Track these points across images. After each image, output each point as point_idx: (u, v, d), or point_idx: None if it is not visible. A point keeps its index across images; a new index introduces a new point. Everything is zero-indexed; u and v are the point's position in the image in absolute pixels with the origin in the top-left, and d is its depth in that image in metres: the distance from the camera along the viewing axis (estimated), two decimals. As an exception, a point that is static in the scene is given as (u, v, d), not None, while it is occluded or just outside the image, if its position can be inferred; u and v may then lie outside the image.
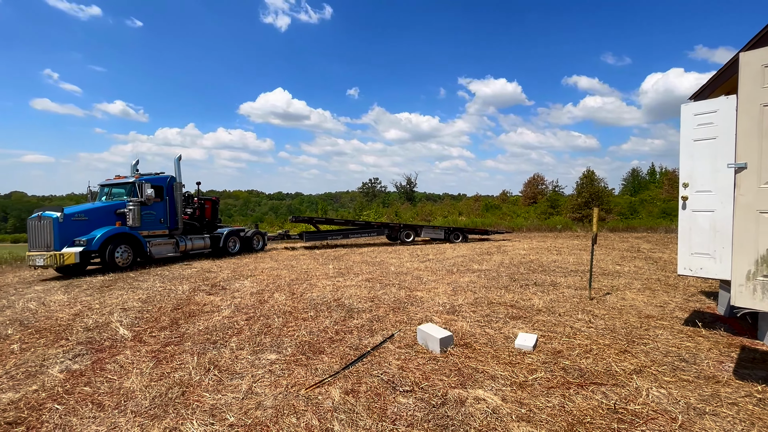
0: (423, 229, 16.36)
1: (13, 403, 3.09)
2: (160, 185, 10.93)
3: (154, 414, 2.88)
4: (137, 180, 10.44)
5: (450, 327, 4.76)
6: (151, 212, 10.58)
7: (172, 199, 11.26)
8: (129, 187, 10.52)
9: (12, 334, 4.85)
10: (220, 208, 14.13)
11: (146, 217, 10.44)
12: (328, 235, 15.36)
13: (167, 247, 10.99)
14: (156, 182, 10.86)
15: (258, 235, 14.17)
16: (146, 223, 10.45)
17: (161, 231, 10.95)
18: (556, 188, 42.54)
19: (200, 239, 12.13)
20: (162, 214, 10.92)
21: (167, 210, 11.08)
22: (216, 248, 12.66)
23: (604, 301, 6.07)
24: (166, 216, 11.03)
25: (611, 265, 9.58)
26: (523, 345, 4.04)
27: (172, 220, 11.24)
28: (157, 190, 10.73)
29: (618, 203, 31.77)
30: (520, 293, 6.63)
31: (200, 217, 12.80)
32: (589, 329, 4.65)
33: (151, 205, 10.52)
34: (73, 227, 9.21)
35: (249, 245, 13.72)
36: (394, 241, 16.31)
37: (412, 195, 49.29)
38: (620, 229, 22.74)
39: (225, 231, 12.98)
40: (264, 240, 14.34)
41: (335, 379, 3.39)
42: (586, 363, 3.64)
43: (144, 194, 10.30)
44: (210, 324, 5.12)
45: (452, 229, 16.62)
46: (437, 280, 7.89)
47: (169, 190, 11.15)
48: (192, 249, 11.81)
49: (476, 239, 17.93)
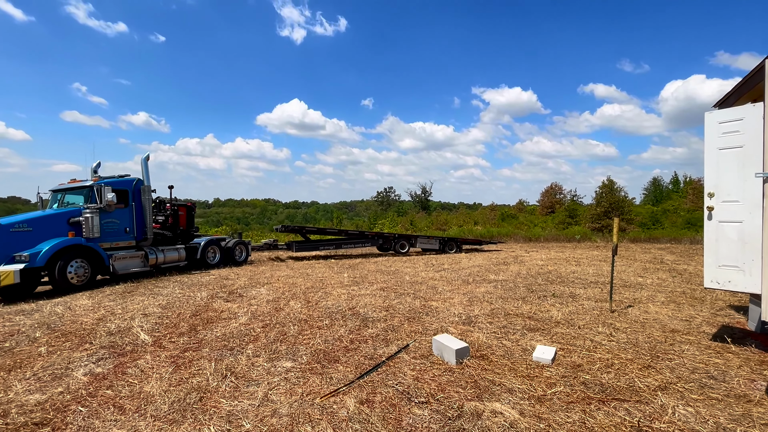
0: (418, 240, 15.96)
1: (39, 404, 3.19)
2: (124, 189, 9.46)
3: (173, 419, 2.93)
4: (95, 183, 8.94)
5: (466, 338, 4.70)
6: (113, 221, 9.18)
7: (140, 205, 9.75)
8: (86, 192, 9.07)
9: (40, 337, 5.02)
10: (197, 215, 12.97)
11: (107, 226, 9.02)
12: (319, 245, 14.63)
13: (134, 261, 9.54)
14: (119, 186, 9.37)
15: (240, 245, 12.92)
16: (107, 234, 9.03)
17: (126, 242, 9.49)
18: (574, 197, 41.78)
19: (174, 251, 10.69)
20: (127, 223, 9.47)
21: (133, 218, 9.60)
22: (193, 260, 11.34)
23: (626, 314, 5.89)
24: (131, 225, 9.57)
25: (633, 277, 9.30)
26: (541, 358, 3.95)
27: (139, 230, 9.76)
28: (120, 195, 9.32)
29: (639, 213, 30.91)
30: (537, 304, 6.50)
31: (173, 226, 11.30)
32: (610, 343, 4.52)
33: (112, 212, 9.11)
34: (12, 241, 7.76)
35: (230, 256, 12.42)
36: (385, 251, 15.80)
37: (427, 204, 49.10)
38: (642, 240, 22.11)
39: (203, 241, 11.74)
40: (247, 250, 13.12)
41: (350, 389, 3.39)
42: (608, 378, 3.53)
43: (103, 200, 8.84)
44: (227, 331, 5.19)
45: (447, 240, 16.45)
46: (453, 290, 7.81)
47: (135, 194, 9.68)
48: (164, 262, 10.36)
49: (473, 249, 17.71)
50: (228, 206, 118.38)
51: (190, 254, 11.27)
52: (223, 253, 12.22)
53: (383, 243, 15.59)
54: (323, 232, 15.58)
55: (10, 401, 3.24)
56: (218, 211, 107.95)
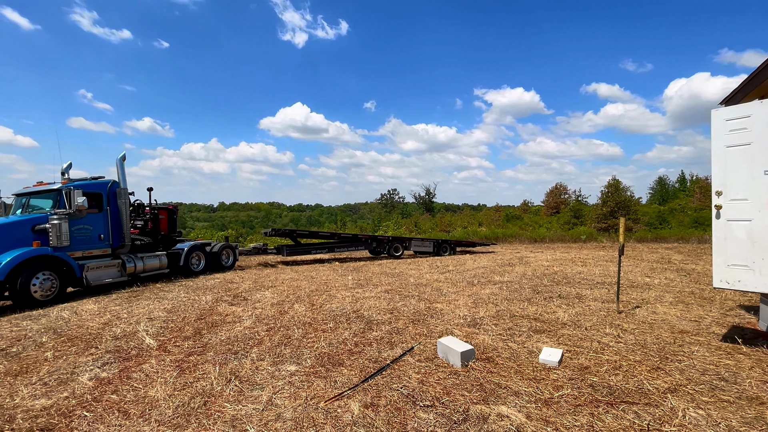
0: (412, 242, 15.78)
1: (45, 409, 3.20)
2: (98, 192, 8.70)
3: (177, 423, 2.92)
4: (63, 186, 8.06)
5: (471, 340, 4.66)
6: (85, 227, 8.36)
7: (116, 209, 8.98)
8: (54, 195, 8.16)
9: (46, 342, 5.05)
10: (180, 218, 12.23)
11: (78, 233, 8.22)
12: (311, 248, 14.29)
13: (109, 271, 8.78)
14: (91, 188, 8.60)
15: (227, 250, 12.29)
16: (79, 242, 8.24)
17: (101, 250, 8.71)
18: (579, 198, 41.51)
19: (154, 258, 9.94)
20: (101, 229, 8.67)
21: (108, 223, 8.80)
22: (176, 267, 10.65)
23: (634, 314, 5.81)
24: (106, 231, 8.76)
25: (640, 277, 9.20)
26: (547, 360, 3.90)
27: (116, 236, 8.97)
28: (93, 199, 8.57)
29: (646, 213, 30.64)
30: (543, 306, 6.44)
31: (153, 231, 10.58)
32: (617, 344, 4.46)
33: (84, 217, 8.29)
34: None
35: (217, 262, 11.82)
36: (377, 255, 15.56)
37: (431, 206, 49.03)
38: (649, 240, 21.88)
39: (186, 246, 11.00)
40: (235, 255, 12.51)
41: (354, 392, 3.36)
42: (616, 380, 3.47)
43: (73, 204, 7.96)
44: (232, 334, 5.19)
45: (441, 242, 16.33)
46: (458, 292, 7.77)
47: (110, 198, 8.92)
48: (144, 270, 9.60)
49: (466, 251, 17.60)
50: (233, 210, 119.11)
51: (172, 261, 10.60)
52: (208, 259, 11.57)
53: (376, 246, 15.29)
54: (315, 235, 15.27)
55: (16, 406, 3.25)
56: (223, 214, 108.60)
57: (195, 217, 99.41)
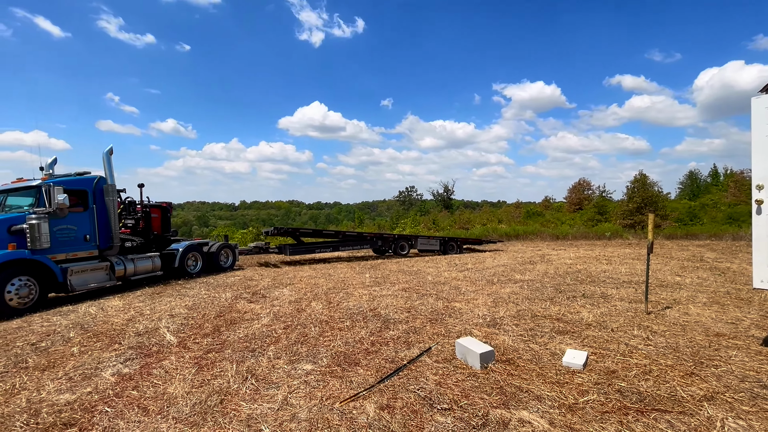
0: (418, 241, 15.41)
1: (69, 404, 3.28)
2: (82, 189, 7.99)
3: (194, 421, 2.93)
4: (43, 183, 7.35)
5: (491, 341, 4.52)
6: (68, 227, 7.65)
7: (103, 207, 8.28)
8: (33, 193, 7.43)
9: (73, 337, 5.21)
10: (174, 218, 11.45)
11: (60, 234, 7.49)
12: (315, 247, 13.86)
13: (96, 275, 8.07)
14: (74, 185, 7.88)
15: (226, 249, 11.67)
16: (61, 243, 7.52)
17: (86, 252, 7.99)
18: (603, 193, 40.18)
19: (146, 259, 9.26)
20: (87, 229, 7.96)
21: (95, 223, 8.09)
22: (170, 269, 10.01)
23: (664, 315, 5.53)
24: (93, 231, 8.06)
25: (670, 276, 8.79)
26: (571, 363, 3.74)
27: (103, 237, 8.26)
28: (77, 197, 7.89)
29: (675, 208, 29.38)
30: (567, 306, 6.22)
31: (145, 230, 9.81)
32: (647, 347, 4.23)
33: (66, 216, 7.55)
34: None
35: (215, 263, 11.19)
36: (382, 254, 15.15)
37: (450, 203, 48.52)
38: (679, 237, 20.97)
39: (181, 247, 10.30)
40: (234, 255, 11.91)
41: (370, 393, 3.30)
42: (646, 386, 3.28)
43: (53, 202, 7.20)
44: (249, 332, 5.22)
45: (447, 240, 15.98)
46: (477, 291, 7.61)
47: (96, 195, 8.19)
48: (135, 273, 8.92)
49: (472, 248, 17.23)
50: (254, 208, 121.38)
51: (167, 263, 9.97)
52: (206, 260, 10.97)
53: (382, 245, 14.91)
54: (319, 234, 14.91)
55: (42, 401, 3.34)
56: (244, 213, 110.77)
57: (217, 216, 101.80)
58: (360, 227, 31.88)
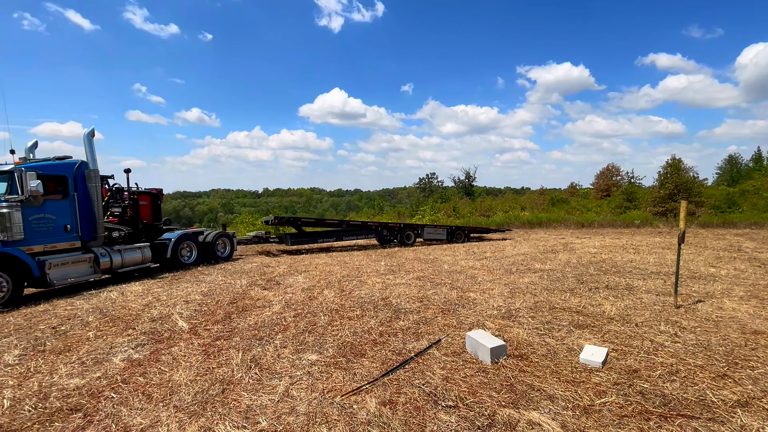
0: (424, 230, 14.99)
1: (78, 389, 3.33)
2: (62, 175, 7.29)
3: (194, 411, 2.91)
4: (15, 168, 6.68)
5: (504, 334, 4.33)
6: (46, 216, 7.00)
7: (85, 194, 7.59)
8: (6, 179, 6.72)
9: (92, 321, 5.36)
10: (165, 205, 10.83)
11: (37, 223, 6.85)
12: (317, 237, 13.47)
13: (79, 268, 7.44)
14: (52, 170, 7.20)
15: (223, 239, 11.05)
16: (38, 234, 6.89)
17: (68, 243, 7.35)
18: (632, 179, 38.36)
19: (135, 250, 8.61)
20: (67, 219, 7.30)
21: (76, 211, 7.42)
22: (162, 260, 9.48)
23: (695, 310, 5.16)
24: (74, 220, 7.39)
25: (703, 267, 8.25)
26: (589, 360, 3.50)
27: (86, 226, 7.59)
28: (56, 183, 7.21)
29: (712, 195, 27.70)
30: (588, 297, 5.91)
31: (133, 219, 9.11)
32: (674, 345, 3.93)
33: (43, 205, 6.91)
34: None
35: (212, 252, 10.58)
36: (387, 243, 14.57)
37: (471, 190, 47.59)
38: (714, 225, 19.80)
39: (174, 236, 9.74)
40: (232, 244, 11.33)
41: (373, 387, 3.19)
42: (672, 388, 3.03)
43: (25, 189, 6.55)
44: (259, 319, 5.22)
45: (454, 229, 15.53)
46: (493, 281, 7.37)
47: (78, 181, 7.51)
48: (123, 265, 8.30)
49: (479, 237, 16.71)
50: (276, 196, 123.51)
51: (159, 253, 9.40)
52: (201, 250, 10.36)
53: (387, 234, 14.51)
54: (321, 223, 14.57)
55: (53, 384, 3.41)
56: (267, 200, 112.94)
57: (241, 203, 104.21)
58: (380, 215, 31.76)
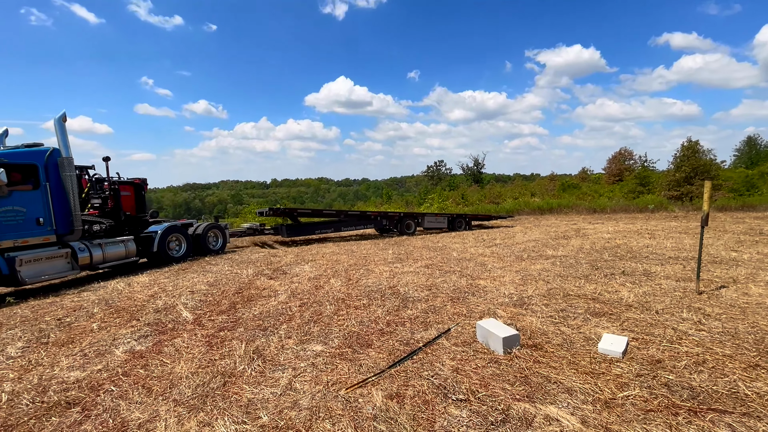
0: (425, 218, 14.70)
1: (78, 381, 3.25)
2: (31, 164, 6.76)
3: (193, 405, 2.80)
4: None
5: (517, 323, 4.14)
6: (15, 209, 6.49)
7: (58, 184, 7.05)
8: None
9: (97, 312, 5.31)
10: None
11: (4, 217, 6.39)
12: (314, 228, 13.14)
13: (54, 264, 6.91)
14: (20, 159, 6.68)
15: (214, 230, 10.61)
16: (6, 228, 6.42)
17: (41, 238, 6.83)
18: (646, 163, 37.35)
19: (118, 244, 8.12)
20: (40, 211, 6.77)
21: (49, 203, 6.88)
22: (149, 254, 8.97)
23: (719, 296, 4.90)
24: (47, 213, 6.86)
25: (724, 251, 7.92)
26: (609, 350, 3.31)
27: (61, 219, 7.07)
28: (25, 173, 6.71)
29: (730, 178, 26.84)
30: (604, 284, 5.68)
31: (114, 211, 8.56)
32: (699, 333, 3.71)
33: (9, 196, 6.40)
34: None
35: (203, 245, 10.11)
36: (387, 233, 14.36)
37: (480, 177, 46.96)
38: (733, 208, 19.18)
39: (160, 228, 9.13)
40: (225, 236, 10.86)
41: (380, 379, 3.05)
42: (699, 380, 2.82)
43: None
44: (265, 309, 5.11)
45: (455, 216, 15.33)
46: (504, 268, 7.16)
47: (50, 170, 6.96)
48: (105, 260, 7.80)
49: (481, 224, 16.36)
50: (284, 186, 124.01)
51: (145, 247, 8.91)
52: (191, 243, 9.85)
53: (387, 223, 14.24)
54: (319, 214, 14.28)
55: (53, 377, 3.34)
56: (275, 191, 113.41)
57: (250, 194, 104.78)
58: (387, 204, 31.56)
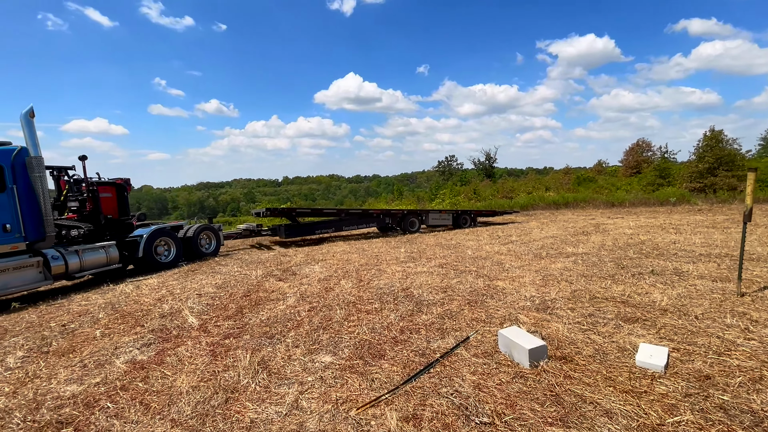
0: (429, 215, 14.25)
1: (73, 397, 3.06)
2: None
3: (192, 426, 2.58)
4: None
5: (541, 330, 3.82)
6: None
7: (27, 187, 6.40)
8: None
9: (102, 318, 5.17)
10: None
11: None
12: (314, 228, 12.64)
13: (24, 274, 6.24)
14: None
15: (207, 233, 9.92)
16: None
17: (8, 246, 6.18)
18: (665, 154, 36.11)
19: (98, 250, 7.38)
20: (6, 217, 6.14)
21: (16, 207, 6.24)
22: (134, 260, 8.22)
23: (764, 298, 4.48)
24: (14, 218, 6.22)
25: (760, 248, 7.41)
26: (648, 363, 2.97)
27: (31, 225, 6.42)
28: None
29: (756, 168, 25.75)
30: (632, 285, 5.30)
31: (93, 214, 7.80)
32: (749, 342, 3.34)
33: None
34: None
35: (194, 248, 9.47)
36: (389, 231, 13.96)
37: (492, 171, 46.20)
38: (761, 201, 18.35)
39: (146, 232, 8.43)
40: (218, 238, 10.16)
41: (394, 396, 2.78)
42: (761, 401, 2.47)
43: None
44: (272, 314, 4.89)
45: (460, 213, 14.90)
46: (522, 267, 6.80)
47: (17, 171, 6.31)
48: (83, 269, 7.07)
49: (487, 220, 15.83)
50: (296, 184, 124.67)
51: (130, 252, 8.18)
52: (181, 246, 9.10)
53: (390, 221, 13.79)
54: (319, 213, 13.79)
55: (48, 391, 3.16)
56: (287, 188, 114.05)
57: (262, 192, 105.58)
58: (399, 200, 31.26)
